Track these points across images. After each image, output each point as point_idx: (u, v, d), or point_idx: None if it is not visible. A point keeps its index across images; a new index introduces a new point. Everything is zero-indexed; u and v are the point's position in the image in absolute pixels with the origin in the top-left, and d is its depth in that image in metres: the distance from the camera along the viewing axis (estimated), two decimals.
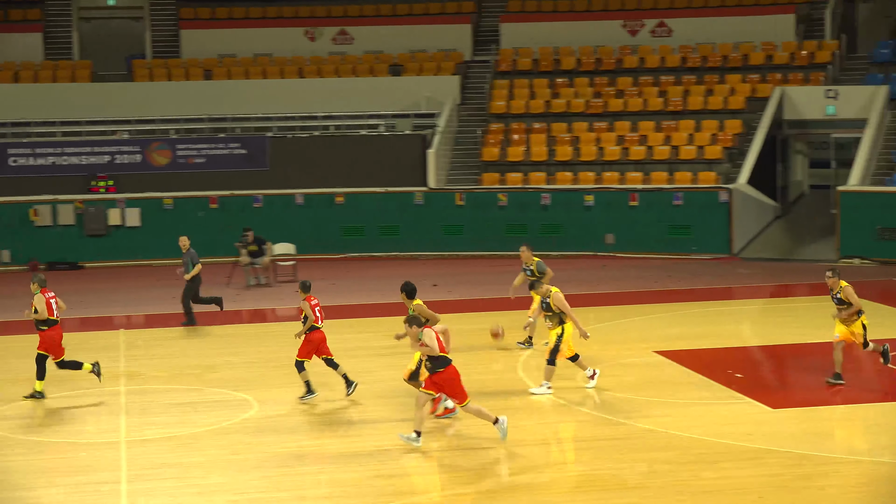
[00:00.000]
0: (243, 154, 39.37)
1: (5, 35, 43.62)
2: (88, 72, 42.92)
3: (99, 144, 38.82)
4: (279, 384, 20.90)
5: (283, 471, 16.13)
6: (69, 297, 30.08)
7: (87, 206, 37.69)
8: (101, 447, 17.40)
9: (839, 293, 19.69)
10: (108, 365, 22.89)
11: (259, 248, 33.34)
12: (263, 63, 43.67)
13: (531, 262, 23.24)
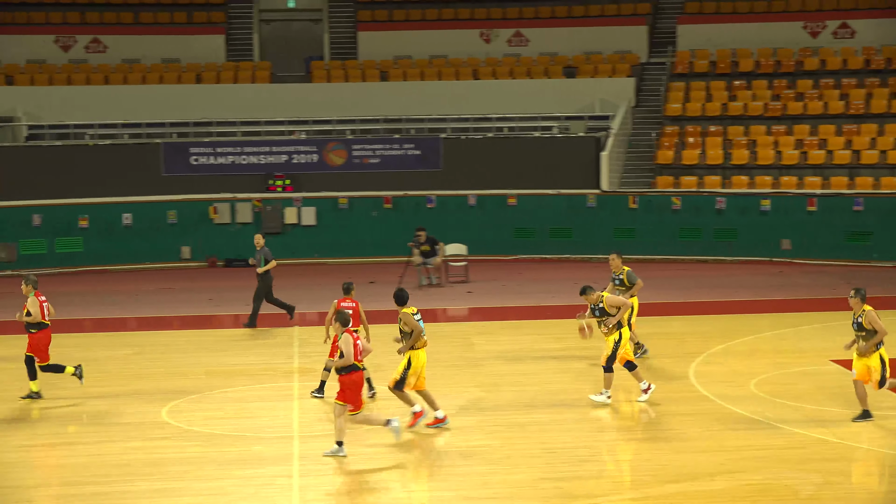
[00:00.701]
0: (417, 155, 39.70)
1: (190, 37, 44.78)
2: (268, 73, 43.79)
3: (277, 144, 39.57)
4: (447, 383, 20.98)
5: (449, 470, 16.18)
6: (246, 293, 30.77)
7: (264, 205, 38.45)
8: (275, 441, 17.70)
9: (860, 317, 17.73)
10: (283, 361, 23.32)
11: (431, 249, 33.55)
12: (439, 65, 43.97)
13: (621, 270, 22.32)
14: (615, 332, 19.36)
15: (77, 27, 44.20)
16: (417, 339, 17.85)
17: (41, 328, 20.51)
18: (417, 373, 17.99)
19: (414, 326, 17.84)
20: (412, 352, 17.93)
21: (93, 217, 37.27)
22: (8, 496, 15.37)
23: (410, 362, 17.92)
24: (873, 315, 17.70)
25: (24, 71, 42.19)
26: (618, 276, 22.23)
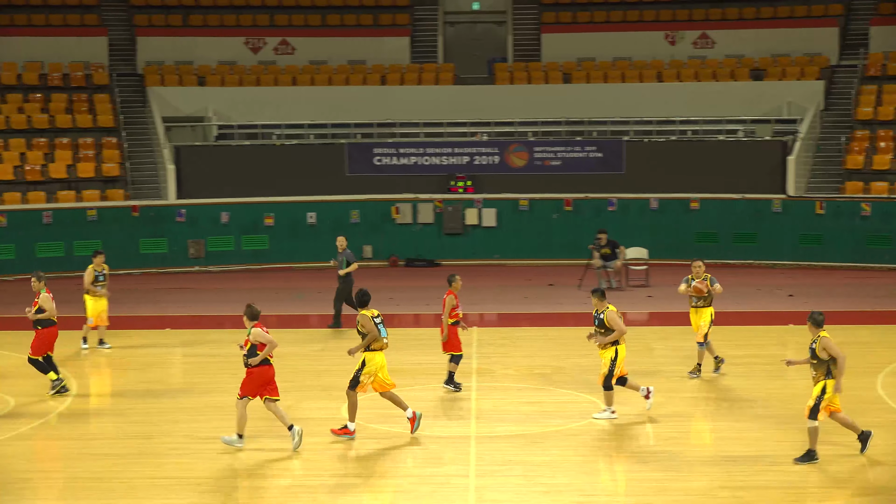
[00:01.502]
0: (599, 157, 39.46)
1: (376, 39, 45.38)
2: (451, 75, 44.09)
3: (459, 146, 39.80)
4: (629, 389, 20.80)
5: (629, 475, 16.03)
6: (426, 293, 31.05)
7: (445, 206, 38.72)
8: (452, 441, 17.78)
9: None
10: (462, 362, 23.41)
11: (612, 252, 33.32)
12: (622, 67, 43.65)
13: (702, 276, 21.78)
14: (611, 348, 18.85)
15: (266, 29, 45.19)
16: (372, 342, 17.74)
17: (50, 325, 20.97)
18: (373, 374, 17.85)
19: (370, 329, 17.72)
20: (367, 353, 17.83)
21: (278, 215, 38.05)
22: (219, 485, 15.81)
23: (364, 363, 17.82)
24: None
25: (215, 72, 43.33)
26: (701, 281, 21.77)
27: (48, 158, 38.61)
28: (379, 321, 17.86)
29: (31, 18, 43.94)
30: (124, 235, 36.77)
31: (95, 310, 24.71)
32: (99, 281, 24.80)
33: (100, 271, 24.84)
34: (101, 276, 24.81)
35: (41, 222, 35.88)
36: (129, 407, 20.09)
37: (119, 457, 17.04)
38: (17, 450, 17.59)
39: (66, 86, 41.59)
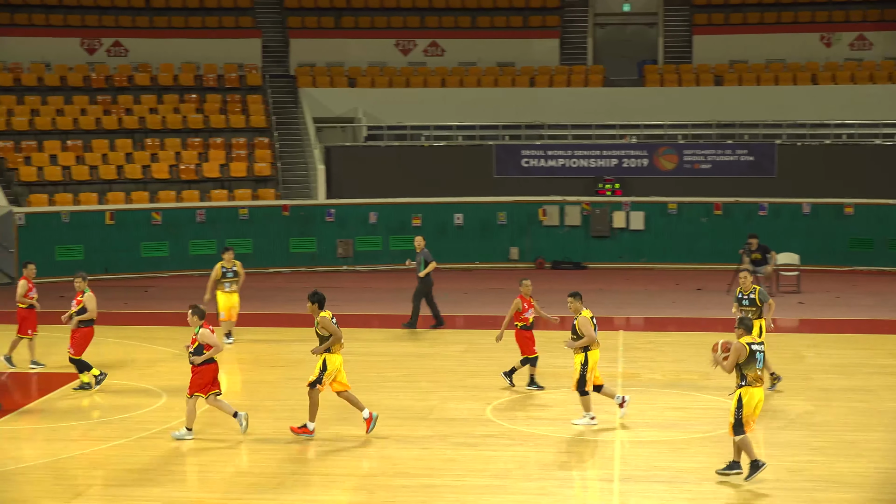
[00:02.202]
0: (750, 161, 38.84)
1: (525, 41, 45.35)
2: (601, 77, 43.83)
3: (607, 148, 39.54)
4: (778, 396, 20.41)
5: (774, 484, 15.71)
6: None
7: (593, 208, 38.50)
8: (597, 445, 17.66)
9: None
10: (607, 365, 23.24)
11: (762, 257, 32.74)
12: (776, 69, 42.89)
13: (751, 289, 20.92)
14: (580, 353, 18.50)
15: (416, 31, 45.49)
16: (334, 344, 17.82)
17: (90, 324, 21.23)
18: (332, 375, 17.90)
19: (333, 331, 17.79)
20: (328, 354, 17.89)
21: (426, 216, 38.26)
22: (341, 482, 15.95)
23: (326, 364, 17.85)
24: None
25: (365, 73, 43.77)
26: (747, 295, 20.91)
27: (202, 158, 39.43)
28: (335, 321, 18.05)
29: (188, 21, 44.94)
30: (274, 234, 37.35)
31: (225, 305, 25.08)
32: (227, 277, 25.13)
33: (228, 268, 25.17)
34: (228, 272, 25.13)
35: (195, 220, 36.64)
36: (277, 403, 20.37)
37: (266, 452, 17.29)
38: (168, 442, 17.95)
39: (220, 87, 42.44)
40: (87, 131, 39.53)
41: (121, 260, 35.90)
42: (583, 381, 18.56)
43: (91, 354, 21.85)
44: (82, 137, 39.19)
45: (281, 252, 37.38)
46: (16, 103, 39.86)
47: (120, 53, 43.37)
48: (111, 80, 41.59)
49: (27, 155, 37.84)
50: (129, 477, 16.22)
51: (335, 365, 17.99)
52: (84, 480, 16.09)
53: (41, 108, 39.89)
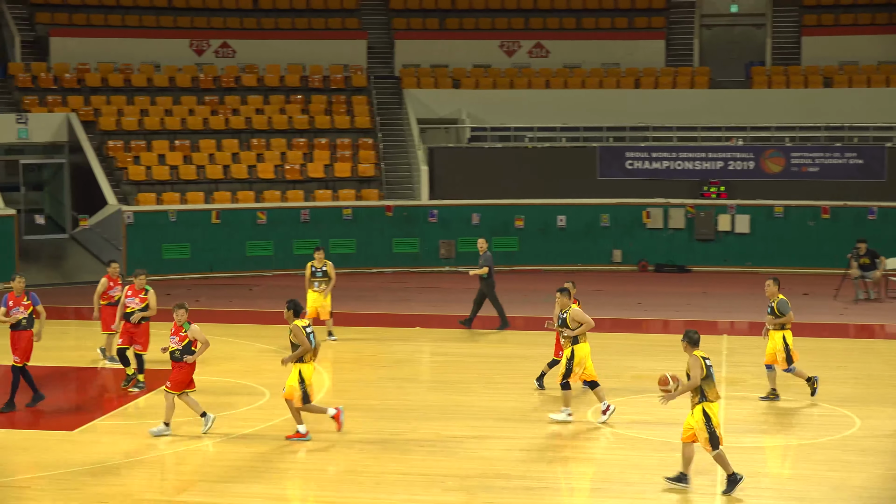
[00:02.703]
0: (859, 164, 38.18)
1: (630, 42, 45.07)
2: (707, 78, 43.39)
3: (713, 150, 39.12)
4: (886, 404, 20.05)
5: (882, 494, 15.44)
6: (674, 299, 30.63)
7: (697, 211, 38.13)
8: (699, 450, 17.48)
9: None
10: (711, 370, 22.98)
11: (871, 262, 32.20)
12: (887, 70, 42.10)
13: (775, 298, 20.45)
14: (569, 346, 18.61)
15: (521, 32, 45.44)
16: (305, 354, 17.76)
17: (147, 321, 21.41)
18: (311, 384, 17.95)
19: (302, 341, 17.71)
20: (301, 365, 17.84)
21: (528, 217, 38.18)
22: (420, 482, 15.99)
23: (303, 376, 17.83)
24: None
25: (469, 75, 43.82)
26: (772, 303, 20.49)
27: (307, 158, 39.78)
28: (310, 331, 17.98)
29: (295, 22, 45.37)
30: (378, 234, 37.55)
31: (312, 305, 25.20)
32: (316, 277, 25.25)
33: (318, 267, 25.27)
34: (318, 272, 25.22)
35: (299, 220, 36.97)
36: (379, 402, 20.48)
37: (367, 451, 17.39)
38: (271, 440, 18.14)
39: (325, 88, 42.79)
40: (194, 131, 40.10)
41: (226, 259, 36.37)
42: (567, 375, 18.77)
43: None
44: (190, 137, 39.77)
45: (384, 252, 37.57)
46: (126, 103, 40.56)
47: (228, 55, 43.92)
48: (219, 81, 42.14)
49: (136, 154, 38.49)
50: (232, 474, 16.42)
51: (309, 375, 18.01)
52: (189, 476, 16.32)
53: (150, 108, 40.55)
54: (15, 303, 19.69)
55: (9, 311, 19.62)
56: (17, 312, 19.64)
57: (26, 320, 19.72)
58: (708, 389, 15.34)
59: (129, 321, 21.18)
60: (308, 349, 17.87)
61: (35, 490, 15.77)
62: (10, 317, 19.64)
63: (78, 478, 16.25)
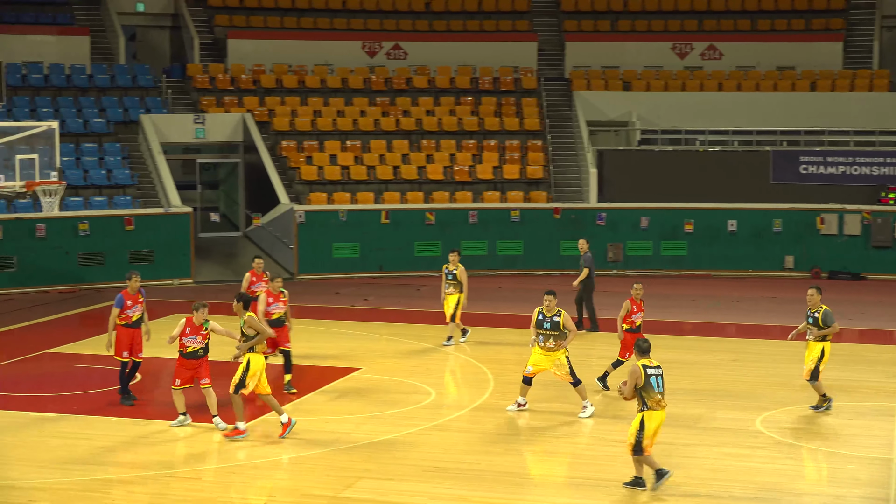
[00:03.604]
0: None
1: (806, 44, 44.13)
2: (887, 81, 42.23)
3: (892, 155, 38.05)
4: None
5: None
6: (847, 307, 29.86)
7: (874, 217, 37.10)
8: (870, 462, 17.04)
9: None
10: (883, 380, 22.39)
11: None
12: None
13: (818, 308, 19.58)
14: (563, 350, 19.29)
15: (694, 34, 44.88)
16: (260, 342, 18.10)
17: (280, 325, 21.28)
18: (256, 376, 18.04)
19: (261, 329, 18.12)
20: (251, 354, 18.08)
21: (698, 222, 37.66)
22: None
23: (249, 365, 18.04)
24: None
25: (640, 77, 43.46)
26: (812, 313, 19.71)
27: (476, 160, 39.93)
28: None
29: (466, 24, 45.59)
30: (545, 237, 37.47)
31: (447, 307, 25.25)
32: (447, 279, 25.19)
33: (450, 270, 25.21)
34: (449, 275, 25.15)
35: (467, 221, 37.11)
36: (541, 405, 20.43)
37: (528, 453, 17.38)
38: (435, 439, 18.28)
39: (495, 89, 42.90)
40: (365, 132, 40.61)
41: (395, 258, 36.71)
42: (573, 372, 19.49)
43: (348, 349, 22.31)
44: (361, 138, 40.28)
45: (551, 254, 37.46)
46: (299, 104, 41.29)
47: (399, 56, 44.37)
48: (390, 83, 42.60)
49: (309, 155, 39.15)
50: (397, 471, 16.57)
51: (259, 365, 18.20)
52: (355, 473, 16.51)
53: (323, 109, 41.20)
54: (133, 301, 20.11)
55: (125, 311, 20.02)
56: (135, 311, 20.12)
57: (140, 318, 20.28)
58: (648, 398, 15.43)
59: (276, 326, 20.90)
60: (265, 335, 18.31)
61: (204, 482, 16.15)
62: (128, 316, 20.07)
63: (245, 471, 16.61)
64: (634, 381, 15.42)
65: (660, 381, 15.54)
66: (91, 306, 30.57)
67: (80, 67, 40.71)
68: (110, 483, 16.15)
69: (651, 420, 15.47)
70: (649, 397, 15.43)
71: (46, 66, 40.43)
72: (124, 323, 19.99)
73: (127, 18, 44.87)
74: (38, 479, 16.20)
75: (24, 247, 32.99)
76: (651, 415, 15.47)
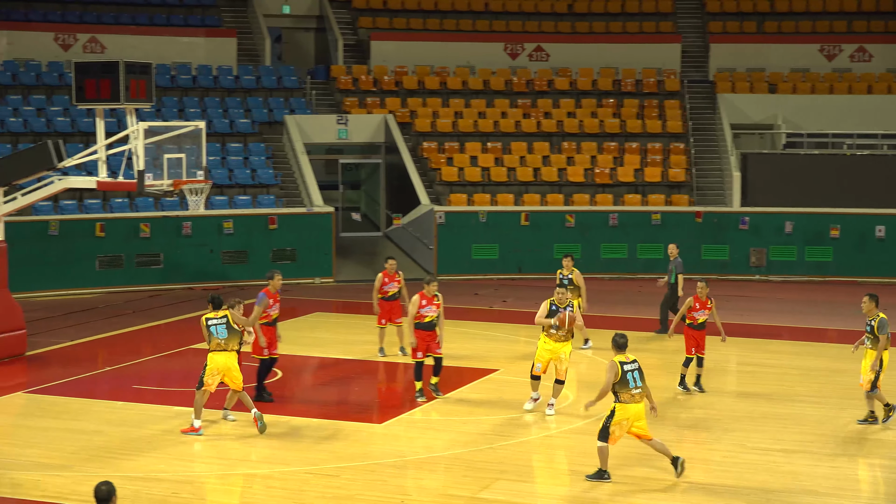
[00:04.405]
0: None
1: None
2: None
3: None
4: None
5: None
6: None
7: None
8: None
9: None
10: None
11: None
12: None
13: (874, 315, 18.68)
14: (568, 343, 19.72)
15: (842, 36, 43.97)
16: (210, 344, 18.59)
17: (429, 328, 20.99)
18: (216, 373, 18.47)
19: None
20: (211, 353, 18.55)
21: (844, 227, 36.83)
22: None
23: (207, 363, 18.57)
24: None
25: (786, 79, 42.72)
26: (870, 321, 18.83)
27: (617, 162, 39.66)
28: (212, 324, 18.54)
29: (609, 26, 45.33)
30: (686, 241, 36.96)
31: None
32: (562, 285, 24.93)
33: (565, 275, 24.94)
34: (564, 280, 24.87)
35: (607, 224, 36.88)
36: (684, 412, 20.21)
37: (658, 457, 17.18)
38: (572, 442, 18.20)
39: (637, 91, 42.58)
40: (506, 134, 40.63)
41: (534, 260, 36.63)
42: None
43: (486, 350, 22.30)
44: (502, 140, 40.30)
45: (692, 258, 36.92)
46: (441, 106, 41.49)
47: (541, 58, 44.30)
48: (531, 85, 42.56)
49: (449, 156, 39.31)
50: (534, 473, 16.53)
51: (216, 364, 18.45)
52: (492, 474, 16.51)
53: (464, 110, 41.32)
54: (274, 300, 20.26)
55: (266, 309, 20.13)
56: (275, 310, 20.28)
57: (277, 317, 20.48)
58: (621, 392, 15.75)
59: (427, 330, 20.60)
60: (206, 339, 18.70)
61: (343, 479, 16.31)
62: (269, 315, 20.24)
63: (383, 469, 16.72)
64: (612, 377, 15.72)
65: (636, 376, 15.81)
66: None
67: (226, 69, 41.49)
68: (251, 478, 16.42)
69: (623, 411, 15.79)
70: (623, 391, 15.74)
71: (194, 68, 41.29)
72: (265, 321, 20.20)
73: (273, 20, 45.60)
74: (182, 471, 16.55)
75: (170, 244, 33.73)
76: (624, 407, 15.78)
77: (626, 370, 15.73)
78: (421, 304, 20.86)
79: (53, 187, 24.17)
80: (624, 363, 15.78)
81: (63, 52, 39.94)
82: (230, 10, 44.79)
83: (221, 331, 18.57)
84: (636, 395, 15.76)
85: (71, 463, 16.89)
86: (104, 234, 32.93)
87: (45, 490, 15.86)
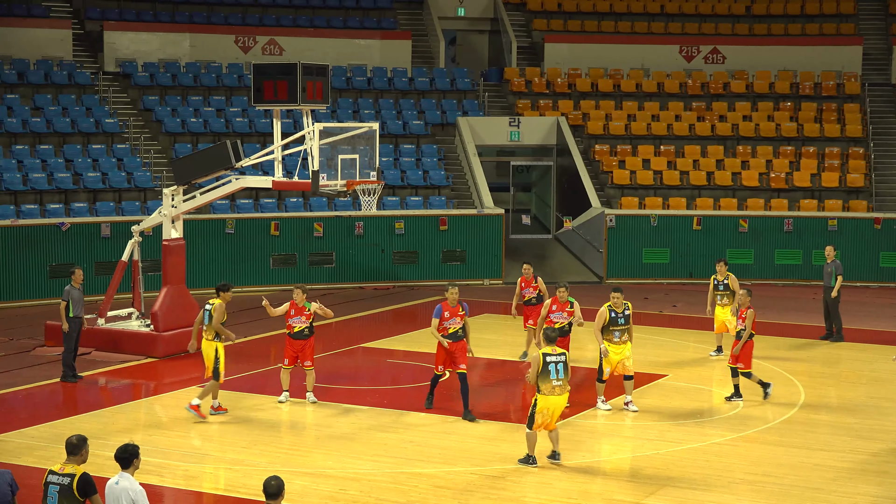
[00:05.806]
0: None
1: None
2: None
3: None
4: None
5: None
6: None
7: None
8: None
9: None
10: None
11: None
12: None
13: None
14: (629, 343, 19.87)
15: None
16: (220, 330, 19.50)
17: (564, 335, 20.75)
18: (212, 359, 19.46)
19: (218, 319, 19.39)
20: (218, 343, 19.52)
21: None
22: None
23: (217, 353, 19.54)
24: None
25: None
26: None
27: (793, 167, 38.87)
28: (208, 308, 19.33)
29: (788, 28, 44.48)
30: (864, 248, 36.06)
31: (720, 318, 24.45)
32: (718, 290, 24.47)
33: (720, 280, 24.41)
34: (720, 285, 24.43)
35: (782, 230, 36.16)
36: (856, 421, 19.73)
37: (838, 470, 16.81)
38: (741, 450, 17.92)
39: (816, 95, 41.66)
40: (680, 137, 40.17)
41: (706, 265, 36.09)
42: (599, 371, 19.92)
43: (655, 355, 22.05)
44: (675, 143, 39.86)
45: (870, 266, 36.03)
46: (614, 108, 41.23)
47: (717, 61, 43.67)
48: (706, 87, 42.01)
49: (621, 159, 39.04)
50: (702, 481, 16.33)
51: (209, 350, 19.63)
52: (658, 481, 16.37)
53: (637, 113, 41.00)
54: (451, 314, 19.34)
55: (442, 322, 19.33)
56: (452, 323, 19.34)
57: (461, 330, 19.55)
58: (542, 384, 16.38)
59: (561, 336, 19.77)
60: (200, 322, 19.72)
61: (508, 481, 16.36)
62: (445, 328, 19.35)
63: (546, 473, 16.70)
64: (535, 368, 16.37)
65: (560, 368, 16.43)
66: (404, 303, 31.43)
67: (401, 71, 41.94)
68: (418, 477, 16.56)
69: (544, 403, 16.44)
70: (543, 383, 16.36)
71: (369, 70, 41.83)
72: (442, 335, 19.45)
73: (448, 23, 45.89)
74: (351, 469, 16.79)
75: (342, 244, 34.23)
76: (545, 399, 16.43)
77: (548, 361, 16.38)
78: (551, 309, 20.50)
79: (231, 186, 24.78)
80: (548, 355, 16.42)
81: (243, 54, 40.87)
82: (405, 13, 45.26)
83: (207, 317, 19.63)
84: (556, 387, 16.41)
85: (242, 457, 17.29)
86: (278, 232, 33.61)
87: (217, 483, 16.26)
